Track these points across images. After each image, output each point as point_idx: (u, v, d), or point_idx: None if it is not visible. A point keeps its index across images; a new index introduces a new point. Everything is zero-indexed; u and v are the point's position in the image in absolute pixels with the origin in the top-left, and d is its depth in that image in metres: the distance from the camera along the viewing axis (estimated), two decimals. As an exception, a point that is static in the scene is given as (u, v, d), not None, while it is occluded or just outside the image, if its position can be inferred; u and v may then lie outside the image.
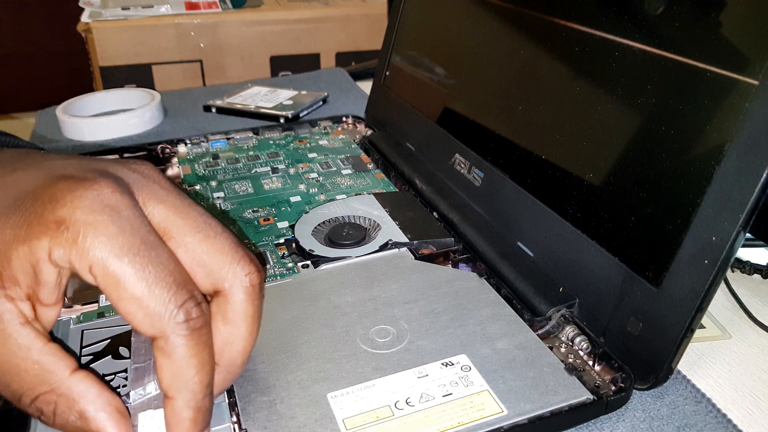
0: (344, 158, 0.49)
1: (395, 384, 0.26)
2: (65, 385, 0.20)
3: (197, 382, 0.21)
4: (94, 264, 0.19)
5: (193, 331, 0.20)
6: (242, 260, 0.22)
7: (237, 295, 0.22)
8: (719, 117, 0.25)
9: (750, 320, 0.32)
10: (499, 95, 0.39)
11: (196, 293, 0.21)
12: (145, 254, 0.20)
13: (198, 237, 0.22)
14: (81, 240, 0.19)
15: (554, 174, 0.33)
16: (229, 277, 0.22)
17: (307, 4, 1.04)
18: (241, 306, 0.22)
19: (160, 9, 0.98)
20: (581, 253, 0.30)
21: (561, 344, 0.29)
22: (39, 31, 1.84)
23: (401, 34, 0.53)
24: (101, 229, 0.19)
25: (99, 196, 0.20)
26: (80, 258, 0.19)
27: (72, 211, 0.20)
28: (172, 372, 0.20)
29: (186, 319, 0.20)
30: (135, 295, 0.19)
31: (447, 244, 0.37)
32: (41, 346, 0.20)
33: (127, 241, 0.20)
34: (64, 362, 0.21)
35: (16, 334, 0.20)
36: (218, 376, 0.23)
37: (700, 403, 0.27)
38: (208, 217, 0.23)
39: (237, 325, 0.22)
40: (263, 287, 0.23)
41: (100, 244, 0.19)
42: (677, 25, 0.27)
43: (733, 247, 0.24)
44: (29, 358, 0.20)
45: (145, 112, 0.59)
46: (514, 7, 0.39)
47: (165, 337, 0.20)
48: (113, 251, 0.19)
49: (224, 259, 0.22)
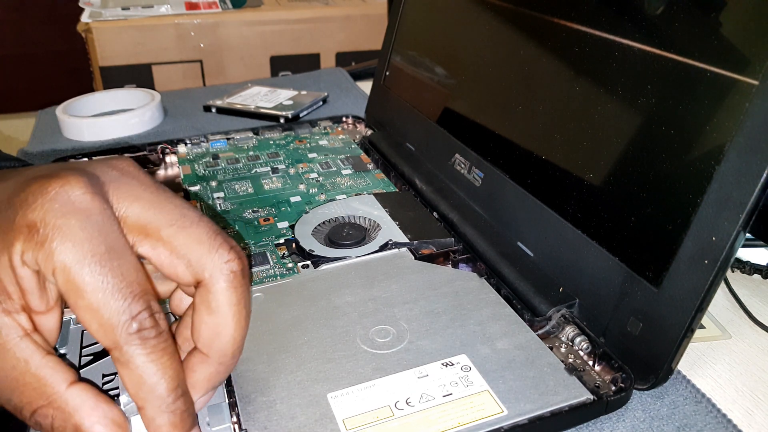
0: (344, 158, 0.49)
1: (395, 384, 0.26)
2: (62, 399, 0.20)
3: (163, 388, 0.20)
4: (57, 269, 0.19)
5: (146, 341, 0.20)
6: (221, 248, 0.22)
7: (218, 283, 0.22)
8: (719, 117, 0.25)
9: (750, 320, 0.32)
10: (499, 95, 0.39)
11: (153, 304, 0.21)
12: (107, 263, 0.20)
13: (173, 229, 0.22)
14: (47, 244, 0.19)
15: (554, 174, 0.33)
16: (208, 267, 0.22)
17: (307, 4, 1.04)
18: (224, 295, 0.22)
19: (160, 9, 0.98)
20: (581, 253, 0.30)
21: (561, 344, 0.29)
22: (39, 31, 1.83)
23: (401, 34, 0.53)
24: (68, 235, 0.19)
25: (70, 197, 0.20)
26: (45, 261, 0.19)
27: (42, 214, 0.19)
28: (133, 382, 0.20)
29: (139, 329, 0.20)
30: (91, 304, 0.19)
31: (447, 244, 0.37)
32: (40, 359, 0.20)
33: (92, 248, 0.19)
34: (62, 375, 0.21)
35: (15, 348, 0.20)
36: (210, 369, 0.22)
37: (700, 403, 0.27)
38: (185, 208, 0.22)
39: (222, 315, 0.22)
40: (246, 273, 0.23)
41: (66, 249, 0.19)
42: (677, 25, 0.27)
43: (733, 247, 0.24)
44: (28, 372, 0.20)
45: (145, 112, 0.59)
46: (514, 7, 0.39)
47: (119, 347, 0.20)
48: (76, 258, 0.19)
49: (201, 249, 0.22)
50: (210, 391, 0.23)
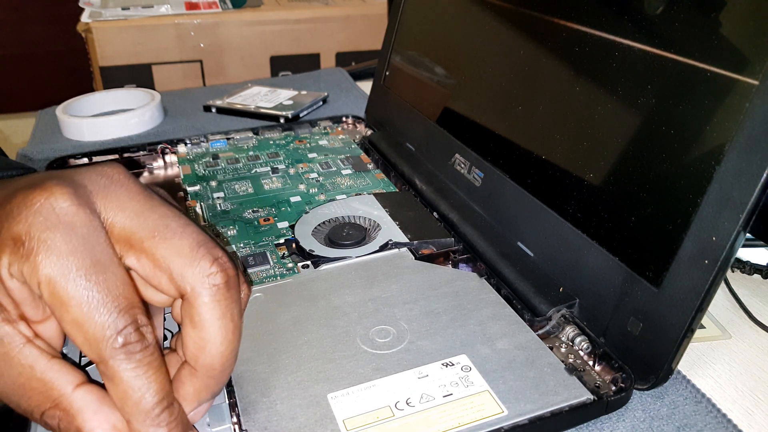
0: (344, 158, 0.49)
1: (395, 384, 0.26)
2: (67, 401, 0.20)
3: (148, 402, 0.20)
4: (42, 282, 0.19)
5: (131, 355, 0.20)
6: (203, 260, 0.21)
7: (201, 297, 0.21)
8: (719, 117, 0.25)
9: (750, 320, 0.32)
10: (499, 95, 0.39)
11: (139, 317, 0.20)
12: (92, 277, 0.19)
13: (155, 241, 0.21)
14: (32, 257, 0.19)
15: (554, 174, 0.33)
16: (189, 280, 0.21)
17: (307, 4, 1.04)
18: (207, 308, 0.21)
19: (160, 9, 0.98)
20: (581, 253, 0.30)
21: (561, 344, 0.29)
22: (39, 31, 1.84)
23: (401, 34, 0.53)
24: (53, 248, 0.19)
25: (55, 209, 0.20)
26: (31, 274, 0.19)
27: (27, 227, 0.19)
28: (118, 396, 0.20)
29: (124, 344, 0.20)
30: (76, 319, 0.19)
31: (447, 244, 0.36)
32: (45, 363, 0.20)
33: (77, 261, 0.19)
34: (68, 377, 0.21)
35: (19, 355, 0.20)
36: (198, 383, 0.22)
37: (700, 403, 0.27)
38: (169, 218, 0.22)
39: (205, 330, 0.21)
40: (233, 285, 0.22)
41: (50, 263, 0.19)
42: (677, 25, 0.27)
43: (733, 247, 0.24)
44: (33, 377, 0.20)
45: (145, 112, 0.59)
46: (514, 7, 0.39)
47: (104, 362, 0.20)
48: (61, 271, 0.19)
49: (183, 262, 0.21)
50: (203, 403, 0.23)
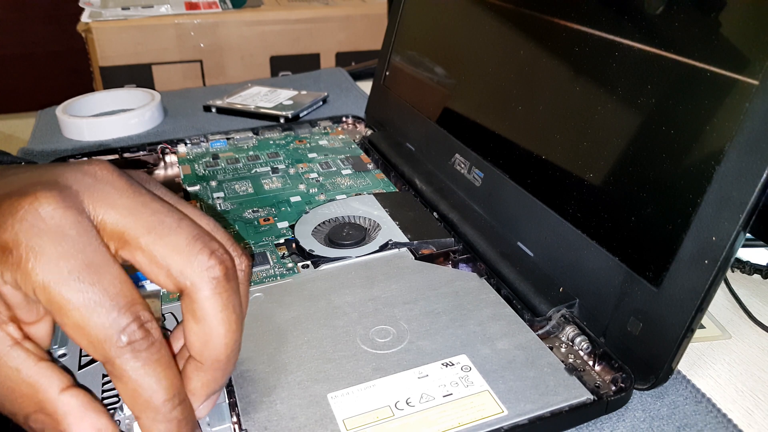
0: (344, 158, 0.49)
1: (395, 384, 0.26)
2: (52, 405, 0.20)
3: (159, 399, 0.20)
4: (37, 288, 0.19)
5: (138, 353, 0.20)
6: (200, 254, 0.21)
7: (201, 291, 0.21)
8: (719, 117, 0.25)
9: (750, 320, 0.32)
10: (498, 95, 0.39)
11: (142, 313, 0.20)
12: (86, 279, 0.19)
13: (151, 237, 0.21)
14: (23, 264, 0.19)
15: (554, 174, 0.33)
16: (188, 275, 0.21)
17: (307, 4, 1.04)
18: (208, 302, 0.21)
19: (160, 9, 0.98)
20: (581, 253, 0.30)
21: (561, 344, 0.29)
22: (39, 31, 1.84)
23: (401, 34, 0.53)
24: (43, 254, 0.19)
25: (41, 214, 0.19)
26: (24, 281, 0.19)
27: (14, 234, 0.19)
28: (128, 394, 0.20)
29: (129, 342, 0.19)
30: (77, 322, 0.19)
31: (447, 244, 0.36)
32: (31, 366, 0.20)
33: (69, 265, 0.19)
34: (54, 381, 0.20)
35: (6, 358, 0.20)
36: (206, 376, 0.22)
37: (700, 403, 0.27)
38: (162, 214, 0.21)
39: (209, 323, 0.21)
40: (232, 276, 0.22)
41: (42, 269, 0.19)
42: (677, 25, 0.27)
43: (733, 247, 0.24)
44: (20, 380, 0.20)
45: (145, 112, 0.59)
46: (514, 7, 0.39)
47: (111, 362, 0.19)
48: (54, 277, 0.19)
49: (180, 258, 0.21)
50: (211, 396, 0.23)
